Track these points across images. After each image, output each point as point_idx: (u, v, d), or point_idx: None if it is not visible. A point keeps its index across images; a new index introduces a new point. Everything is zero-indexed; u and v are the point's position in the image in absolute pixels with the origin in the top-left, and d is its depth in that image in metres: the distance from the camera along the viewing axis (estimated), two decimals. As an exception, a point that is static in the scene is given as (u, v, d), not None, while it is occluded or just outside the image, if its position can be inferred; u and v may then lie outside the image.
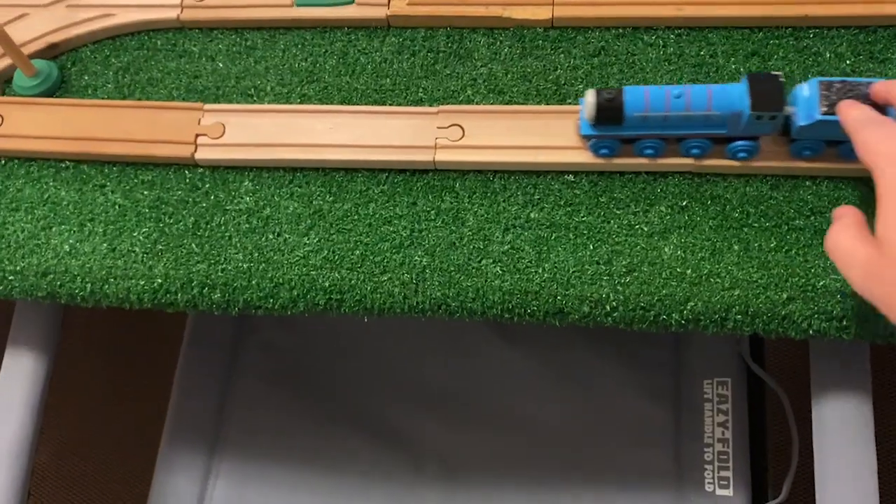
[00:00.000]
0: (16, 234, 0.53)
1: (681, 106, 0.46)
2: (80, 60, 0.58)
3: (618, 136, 0.48)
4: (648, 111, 0.46)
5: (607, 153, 0.49)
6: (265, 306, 0.50)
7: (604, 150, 0.49)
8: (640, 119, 0.47)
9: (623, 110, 0.46)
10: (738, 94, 0.45)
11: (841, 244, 0.41)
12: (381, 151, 0.51)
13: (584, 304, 0.48)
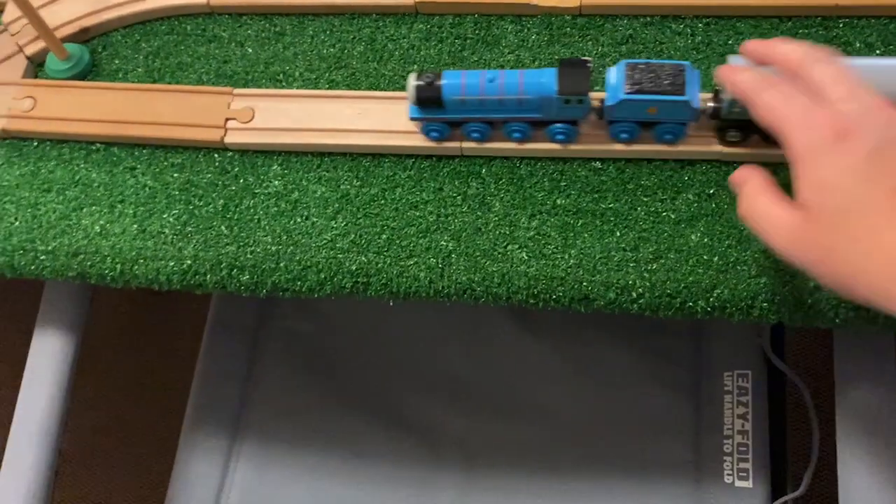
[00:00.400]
0: (47, 214, 0.53)
1: (494, 90, 0.47)
2: (111, 44, 0.58)
3: (443, 119, 0.50)
4: (465, 95, 0.47)
5: (437, 136, 0.51)
6: (293, 289, 0.51)
7: (434, 133, 0.51)
8: (459, 102, 0.48)
9: (441, 94, 0.47)
10: (548, 78, 0.46)
11: (759, 210, 0.40)
12: (409, 137, 0.52)
13: (609, 291, 0.48)
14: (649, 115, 0.47)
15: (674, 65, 0.46)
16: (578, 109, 0.47)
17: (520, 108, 0.48)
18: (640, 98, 0.46)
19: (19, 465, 0.59)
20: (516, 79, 0.47)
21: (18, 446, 0.60)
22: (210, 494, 0.73)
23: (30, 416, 0.60)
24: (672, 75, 0.45)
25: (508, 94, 0.47)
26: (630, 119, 0.48)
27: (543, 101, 0.47)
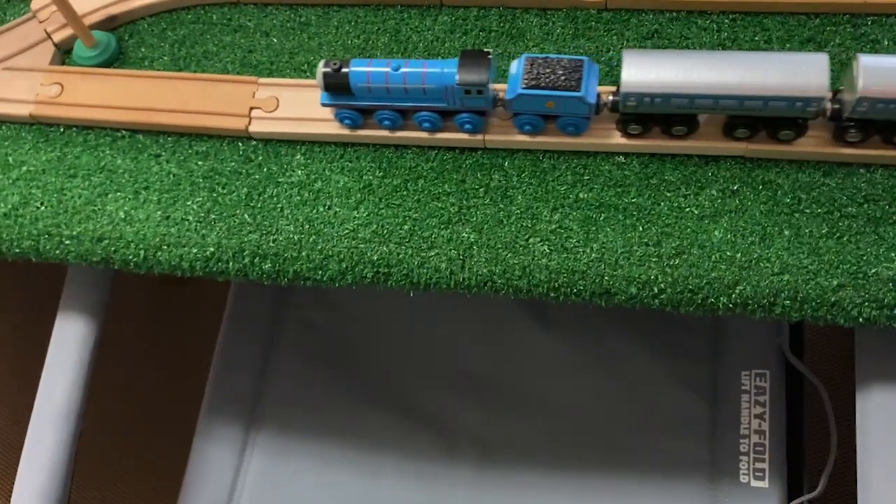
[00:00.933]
0: (73, 199, 0.54)
1: (399, 80, 0.48)
2: (138, 33, 0.59)
3: (353, 107, 0.51)
4: (371, 83, 0.49)
5: (350, 123, 0.52)
6: (314, 278, 0.51)
7: (347, 119, 0.52)
8: (366, 90, 0.49)
9: (348, 81, 0.48)
10: (450, 69, 0.48)
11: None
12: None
13: (631, 286, 0.48)
14: (549, 108, 0.48)
15: (573, 60, 0.47)
16: (481, 100, 0.48)
17: (426, 98, 0.49)
18: (537, 93, 0.47)
19: (40, 447, 0.60)
20: (420, 69, 0.48)
21: (40, 429, 0.60)
22: (225, 482, 0.73)
23: (51, 399, 0.60)
24: (570, 71, 0.47)
25: (412, 84, 0.48)
26: (532, 112, 0.49)
27: (447, 91, 0.48)
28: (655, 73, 0.45)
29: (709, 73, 0.45)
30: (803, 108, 0.45)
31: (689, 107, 0.46)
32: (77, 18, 0.55)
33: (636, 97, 0.46)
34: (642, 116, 0.48)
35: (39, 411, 0.61)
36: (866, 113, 0.45)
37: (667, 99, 0.46)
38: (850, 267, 0.46)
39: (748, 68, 0.45)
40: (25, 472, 0.60)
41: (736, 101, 0.45)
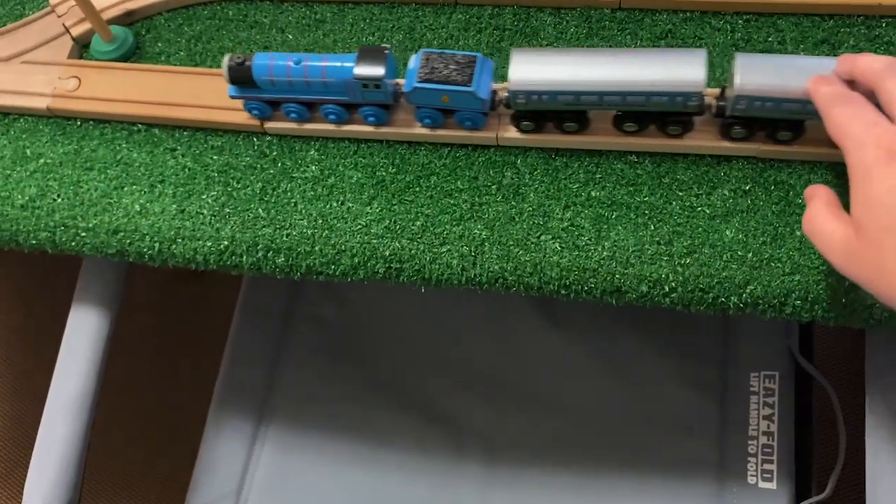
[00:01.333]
0: (89, 192, 0.54)
1: (300, 73, 0.50)
2: (155, 28, 0.59)
3: (259, 98, 0.52)
4: (273, 76, 0.50)
5: (259, 114, 0.53)
6: (327, 272, 0.51)
7: (255, 111, 0.53)
8: (270, 83, 0.50)
9: (252, 74, 0.50)
10: (348, 63, 0.49)
11: (817, 225, 0.41)
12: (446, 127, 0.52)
13: (642, 284, 0.48)
14: (444, 102, 0.49)
15: (466, 56, 0.48)
16: (380, 94, 0.50)
17: (328, 91, 0.50)
18: (431, 87, 0.48)
19: (53, 437, 0.61)
20: (320, 62, 0.49)
21: (53, 419, 0.61)
22: (235, 475, 0.74)
23: (64, 390, 0.61)
24: (462, 66, 0.48)
25: (313, 77, 0.50)
26: (430, 105, 0.50)
27: (346, 84, 0.49)
28: (542, 71, 0.47)
29: (593, 70, 0.46)
30: (684, 103, 0.46)
31: (576, 103, 0.47)
32: (95, 13, 0.56)
33: (525, 94, 0.47)
34: (534, 113, 0.49)
35: (53, 402, 0.61)
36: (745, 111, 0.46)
37: (553, 95, 0.47)
38: (862, 268, 0.46)
39: (631, 65, 0.46)
40: (39, 462, 0.61)
41: (619, 97, 0.46)
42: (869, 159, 0.38)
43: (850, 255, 0.39)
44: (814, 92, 0.43)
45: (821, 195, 0.43)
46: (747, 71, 0.45)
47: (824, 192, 0.43)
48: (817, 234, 0.41)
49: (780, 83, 0.44)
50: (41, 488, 0.60)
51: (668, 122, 0.49)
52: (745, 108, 0.46)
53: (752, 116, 0.47)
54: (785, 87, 0.44)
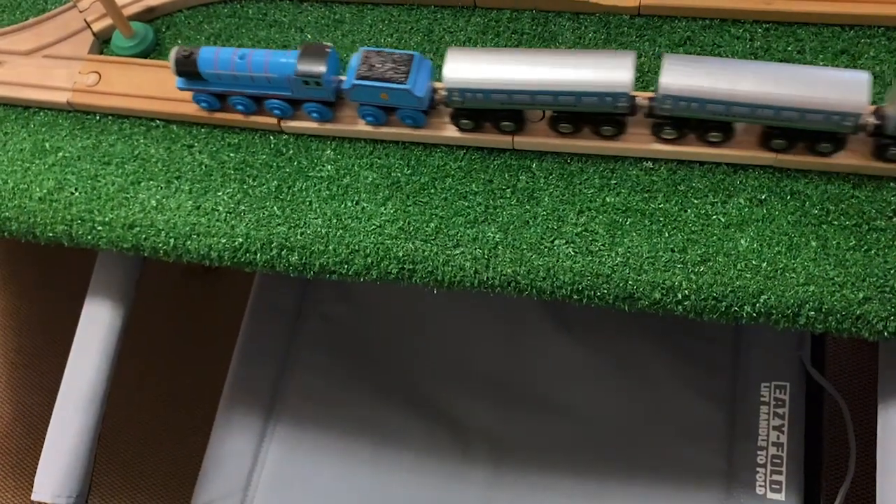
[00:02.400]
0: (106, 186, 0.55)
1: (244, 67, 0.51)
2: (175, 25, 0.60)
3: (206, 91, 0.53)
4: (218, 69, 0.51)
5: (207, 106, 0.55)
6: (340, 272, 0.51)
7: (203, 103, 0.55)
8: (216, 76, 0.52)
9: (198, 67, 0.51)
10: (289, 59, 0.50)
11: None
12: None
13: (655, 291, 0.48)
14: (383, 100, 0.50)
15: (403, 54, 0.49)
16: (322, 91, 0.51)
17: (271, 86, 0.52)
18: (368, 84, 0.49)
19: (65, 429, 0.61)
20: (262, 58, 0.51)
21: (65, 411, 0.61)
22: (242, 471, 0.74)
23: (77, 383, 0.62)
24: (399, 64, 0.49)
25: (256, 72, 0.51)
26: (371, 103, 0.51)
27: (289, 80, 0.51)
28: (477, 70, 0.47)
29: (526, 70, 0.47)
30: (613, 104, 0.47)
31: (510, 102, 0.48)
32: (117, 9, 0.56)
33: (459, 92, 0.48)
34: (473, 111, 0.50)
35: (65, 394, 0.62)
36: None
37: (487, 94, 0.47)
38: (877, 280, 0.46)
39: (564, 66, 0.46)
40: (49, 453, 0.61)
41: (551, 96, 0.47)
42: None
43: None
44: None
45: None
46: (673, 71, 0.46)
47: None
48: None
49: (706, 84, 0.45)
50: (51, 479, 0.60)
51: (601, 122, 0.49)
52: (671, 109, 0.46)
53: (681, 117, 0.47)
54: (711, 89, 0.45)
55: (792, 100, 0.45)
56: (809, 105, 0.45)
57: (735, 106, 0.45)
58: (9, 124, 0.58)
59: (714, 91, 0.45)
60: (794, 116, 0.45)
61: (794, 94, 0.44)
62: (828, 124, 0.45)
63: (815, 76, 0.45)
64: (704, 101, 0.46)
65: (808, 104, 0.44)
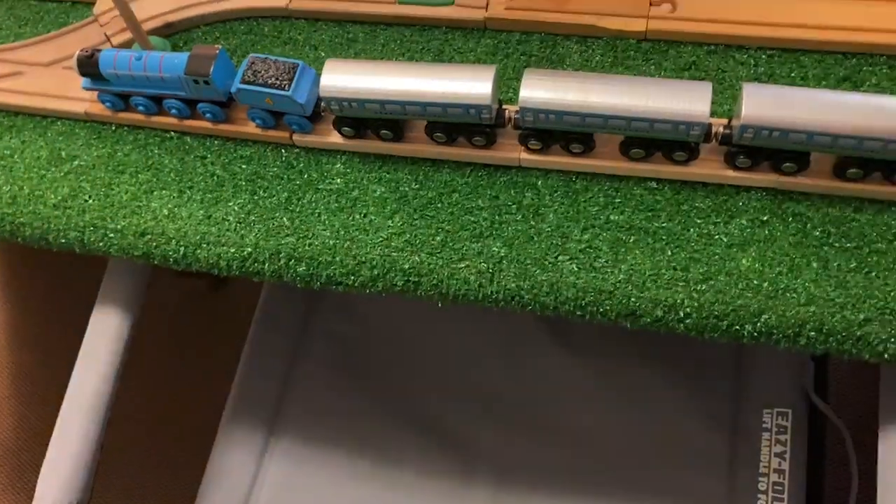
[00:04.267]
0: (119, 195, 0.56)
1: (140, 67, 0.53)
2: (193, 40, 0.61)
3: (109, 91, 0.56)
4: (117, 69, 0.54)
5: (111, 106, 0.57)
6: (346, 283, 0.52)
7: (107, 102, 0.57)
8: (115, 76, 0.54)
9: (98, 66, 0.54)
10: (180, 60, 0.53)
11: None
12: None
13: (657, 308, 0.48)
14: (268, 104, 0.53)
15: (288, 62, 0.52)
16: (212, 91, 0.53)
17: (166, 86, 0.54)
18: (252, 89, 0.51)
19: (68, 437, 0.61)
20: (157, 60, 0.53)
21: (69, 419, 0.62)
22: (243, 487, 0.74)
23: (82, 390, 0.62)
24: (283, 72, 0.52)
25: (152, 72, 0.53)
26: (259, 106, 0.53)
27: (181, 80, 0.53)
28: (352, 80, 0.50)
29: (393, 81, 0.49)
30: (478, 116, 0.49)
31: (382, 112, 0.51)
32: (136, 24, 0.58)
33: (337, 101, 0.51)
34: (354, 120, 0.53)
35: (70, 402, 0.62)
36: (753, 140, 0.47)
37: (362, 104, 0.50)
38: (878, 302, 0.46)
39: (428, 77, 0.49)
40: (52, 461, 0.61)
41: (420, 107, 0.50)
42: None
43: None
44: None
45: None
46: (531, 85, 0.48)
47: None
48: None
49: (787, 114, 0.45)
50: (53, 487, 0.60)
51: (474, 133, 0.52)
52: (751, 138, 0.47)
53: (758, 146, 0.48)
54: (792, 119, 0.45)
55: (639, 111, 0.47)
56: (656, 115, 0.47)
57: (589, 117, 0.48)
58: (27, 132, 0.60)
59: (567, 103, 0.47)
60: (645, 126, 0.47)
61: (641, 104, 0.47)
62: (676, 134, 0.47)
63: (665, 88, 0.47)
64: (561, 112, 0.48)
65: (654, 114, 0.47)
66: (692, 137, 0.48)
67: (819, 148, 0.47)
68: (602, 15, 0.56)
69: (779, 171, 0.49)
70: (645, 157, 0.51)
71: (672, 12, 0.56)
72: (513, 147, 0.53)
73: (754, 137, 0.47)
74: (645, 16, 0.56)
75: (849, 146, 0.46)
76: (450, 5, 0.58)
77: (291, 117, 0.54)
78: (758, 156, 0.49)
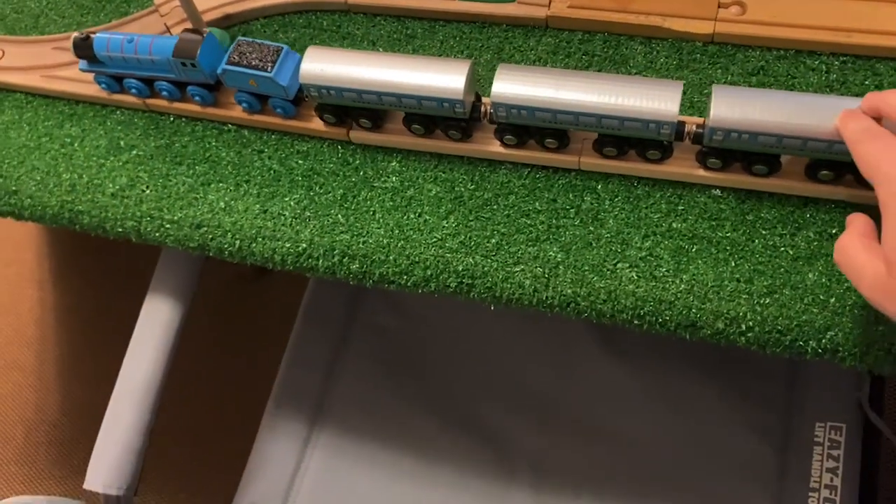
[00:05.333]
0: (176, 186, 0.56)
1: (131, 49, 0.55)
2: (251, 32, 0.61)
3: (104, 73, 0.58)
4: (110, 51, 0.55)
5: (106, 87, 0.59)
6: (398, 282, 0.52)
7: (103, 84, 0.59)
8: (108, 58, 0.56)
9: (92, 49, 0.55)
10: (170, 43, 0.54)
11: (848, 257, 0.41)
12: (528, 148, 0.53)
13: (718, 321, 0.47)
14: (253, 87, 0.54)
15: (273, 46, 0.53)
16: (199, 73, 0.54)
17: (157, 68, 0.55)
18: (236, 70, 0.52)
19: (119, 422, 0.62)
20: (147, 43, 0.55)
21: (120, 404, 0.63)
22: (285, 476, 0.75)
23: (133, 377, 0.63)
24: (267, 55, 0.53)
25: (142, 54, 0.55)
26: (244, 89, 0.54)
27: (170, 63, 0.54)
28: (326, 67, 0.51)
29: (373, 70, 0.50)
30: (445, 108, 0.49)
31: (360, 101, 0.51)
32: (197, 14, 0.58)
33: (315, 88, 0.51)
34: (337, 108, 0.54)
35: (121, 386, 0.63)
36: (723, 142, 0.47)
37: (339, 92, 0.51)
38: (952, 323, 0.45)
39: (404, 68, 0.50)
40: (103, 444, 0.62)
41: (395, 97, 0.50)
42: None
43: (880, 288, 0.39)
44: (842, 127, 0.43)
45: (856, 224, 0.42)
46: (504, 80, 0.48)
47: (860, 221, 0.42)
48: (847, 265, 0.41)
49: (754, 117, 0.45)
50: (103, 470, 0.61)
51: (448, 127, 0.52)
52: (721, 140, 0.46)
53: (729, 148, 0.47)
54: (762, 121, 0.45)
55: (610, 108, 0.46)
56: (626, 113, 0.46)
57: (560, 114, 0.47)
58: (87, 121, 0.60)
59: (539, 99, 0.47)
60: (615, 124, 0.47)
61: (611, 102, 0.46)
62: (647, 132, 0.47)
63: (637, 87, 0.46)
64: (532, 108, 0.48)
65: (624, 112, 0.46)
66: (663, 136, 0.47)
67: (789, 150, 0.46)
68: (668, 16, 0.55)
69: (750, 172, 0.49)
70: (618, 156, 0.50)
71: (741, 15, 0.54)
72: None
73: (724, 140, 0.46)
74: (713, 18, 0.54)
75: (819, 149, 0.45)
76: (512, 2, 0.57)
77: (276, 101, 0.54)
78: (729, 157, 0.48)
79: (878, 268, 0.39)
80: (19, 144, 0.60)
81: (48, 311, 1.29)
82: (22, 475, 1.17)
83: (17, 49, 0.63)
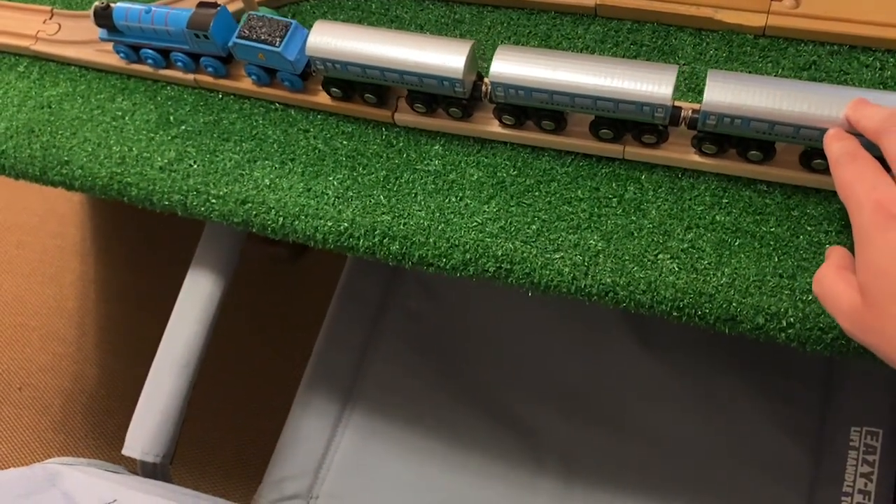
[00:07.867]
0: (223, 162, 0.57)
1: (148, 20, 0.56)
2: (300, 13, 0.62)
3: (122, 42, 0.59)
4: (128, 21, 0.57)
5: (124, 57, 0.61)
6: (437, 264, 0.52)
7: (122, 53, 0.61)
8: (126, 27, 0.58)
9: (112, 18, 0.57)
10: (185, 14, 0.55)
11: (826, 287, 0.41)
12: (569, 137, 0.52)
13: (759, 316, 0.47)
14: (261, 60, 0.55)
15: (282, 21, 0.54)
16: (210, 45, 0.56)
17: (172, 39, 0.57)
18: (246, 43, 0.54)
19: (159, 391, 0.64)
20: (164, 14, 0.56)
21: (160, 373, 0.64)
22: (316, 454, 0.76)
23: (174, 346, 0.64)
24: (276, 30, 0.54)
25: (159, 25, 0.56)
26: (253, 62, 0.56)
27: (185, 34, 0.56)
28: (332, 41, 0.52)
29: (378, 46, 0.51)
30: (445, 87, 0.50)
31: (364, 77, 0.52)
32: (249, -6, 0.59)
33: (321, 61, 0.53)
34: (344, 83, 0.54)
35: (162, 356, 0.65)
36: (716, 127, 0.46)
37: (344, 66, 0.52)
38: None
39: (408, 46, 0.50)
40: (142, 411, 0.64)
41: (397, 74, 0.51)
42: (867, 223, 0.38)
43: (856, 319, 0.39)
44: (826, 147, 0.43)
45: (834, 257, 0.42)
46: (502, 60, 0.48)
47: (838, 253, 0.42)
48: (825, 296, 0.41)
49: (747, 103, 0.44)
50: (142, 437, 0.63)
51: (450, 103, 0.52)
52: (714, 125, 0.46)
53: (723, 133, 0.47)
54: (754, 107, 0.44)
55: (604, 90, 0.46)
56: (620, 96, 0.46)
57: (556, 94, 0.47)
58: (138, 95, 0.62)
59: (535, 79, 0.48)
60: (610, 106, 0.47)
61: (606, 84, 0.46)
62: (641, 115, 0.47)
63: (633, 70, 0.46)
64: (529, 88, 0.48)
65: (619, 95, 0.46)
66: (657, 119, 0.47)
67: (782, 138, 0.45)
68: (720, 7, 0.54)
69: (745, 159, 0.48)
70: (614, 139, 0.50)
71: (794, 8, 0.53)
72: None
73: (717, 124, 0.46)
74: (765, 11, 0.53)
75: (812, 137, 0.45)
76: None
77: (284, 74, 0.56)
78: (724, 143, 0.48)
79: (854, 298, 0.39)
80: (72, 116, 0.61)
81: (90, 284, 1.32)
82: (58, 442, 1.21)
83: (72, 23, 0.65)
